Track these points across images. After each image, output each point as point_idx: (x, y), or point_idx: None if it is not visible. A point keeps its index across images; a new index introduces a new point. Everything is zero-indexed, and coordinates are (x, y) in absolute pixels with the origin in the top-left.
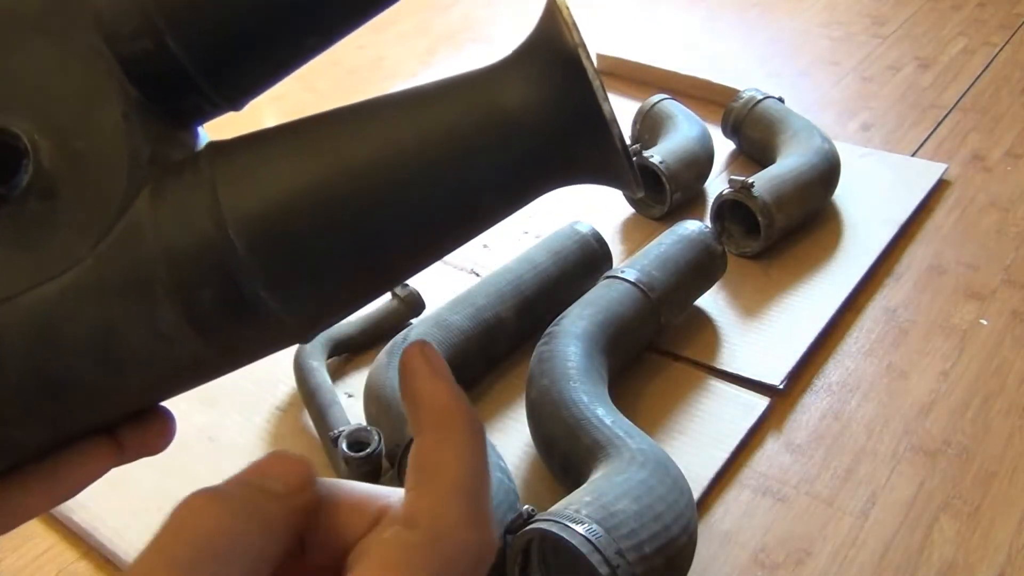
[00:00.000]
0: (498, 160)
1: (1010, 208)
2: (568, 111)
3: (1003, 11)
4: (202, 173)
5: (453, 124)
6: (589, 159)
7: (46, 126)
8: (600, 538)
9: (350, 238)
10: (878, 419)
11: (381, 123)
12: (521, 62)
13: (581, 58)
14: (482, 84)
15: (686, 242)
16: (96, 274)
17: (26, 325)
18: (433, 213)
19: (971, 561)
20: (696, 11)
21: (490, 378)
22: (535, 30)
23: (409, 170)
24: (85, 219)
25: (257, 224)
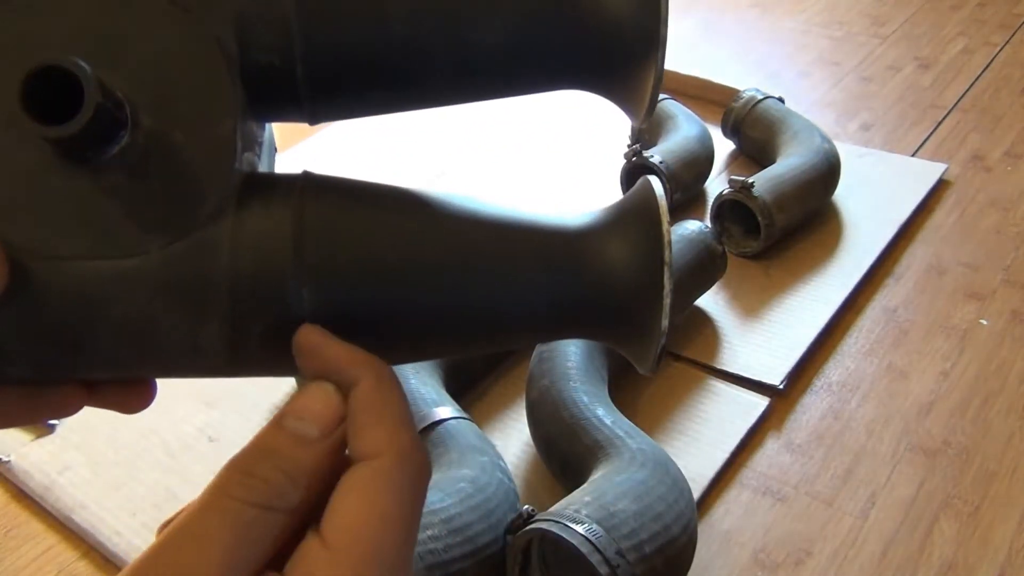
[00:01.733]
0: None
1: (1010, 208)
2: (631, 307)
3: (1003, 11)
4: (294, 204)
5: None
6: (628, 340)
7: (154, 105)
8: (600, 538)
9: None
10: (878, 419)
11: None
12: (612, 232)
13: (665, 264)
14: (574, 231)
15: (686, 242)
16: (158, 273)
17: (70, 291)
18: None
19: (971, 561)
20: (695, 11)
21: (490, 378)
22: (629, 209)
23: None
24: (165, 215)
25: (334, 281)
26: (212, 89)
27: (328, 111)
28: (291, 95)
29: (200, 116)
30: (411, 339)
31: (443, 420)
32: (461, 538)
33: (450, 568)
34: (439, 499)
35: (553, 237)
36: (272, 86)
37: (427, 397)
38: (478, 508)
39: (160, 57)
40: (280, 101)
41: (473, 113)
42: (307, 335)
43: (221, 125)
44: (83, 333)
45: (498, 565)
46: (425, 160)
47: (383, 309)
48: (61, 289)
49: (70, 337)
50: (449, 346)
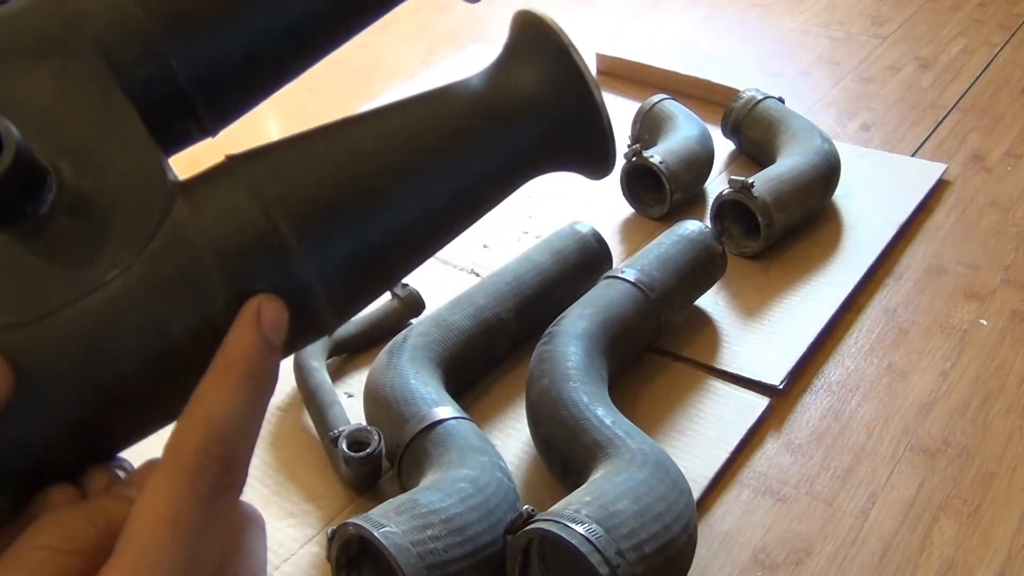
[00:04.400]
0: (502, 145)
1: (1010, 208)
2: (564, 98)
3: (1003, 11)
4: (234, 174)
5: (465, 113)
6: (577, 144)
7: (63, 146)
8: (600, 538)
9: (381, 216)
10: (878, 419)
11: (395, 117)
12: (514, 59)
13: (571, 52)
14: (487, 80)
15: (686, 242)
16: (145, 278)
17: (72, 338)
18: (452, 194)
19: (971, 561)
20: (696, 11)
21: (490, 378)
22: (517, 34)
23: (426, 150)
24: (125, 229)
25: (302, 208)
26: (111, 111)
27: (226, 107)
28: (184, 101)
29: (111, 133)
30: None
31: (443, 420)
32: (461, 538)
33: (450, 568)
34: (439, 499)
35: (470, 101)
36: (164, 97)
37: (427, 397)
38: (478, 508)
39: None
40: (177, 119)
41: None
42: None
43: (131, 132)
44: (104, 374)
45: (498, 565)
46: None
47: (365, 223)
48: (62, 343)
49: (94, 386)
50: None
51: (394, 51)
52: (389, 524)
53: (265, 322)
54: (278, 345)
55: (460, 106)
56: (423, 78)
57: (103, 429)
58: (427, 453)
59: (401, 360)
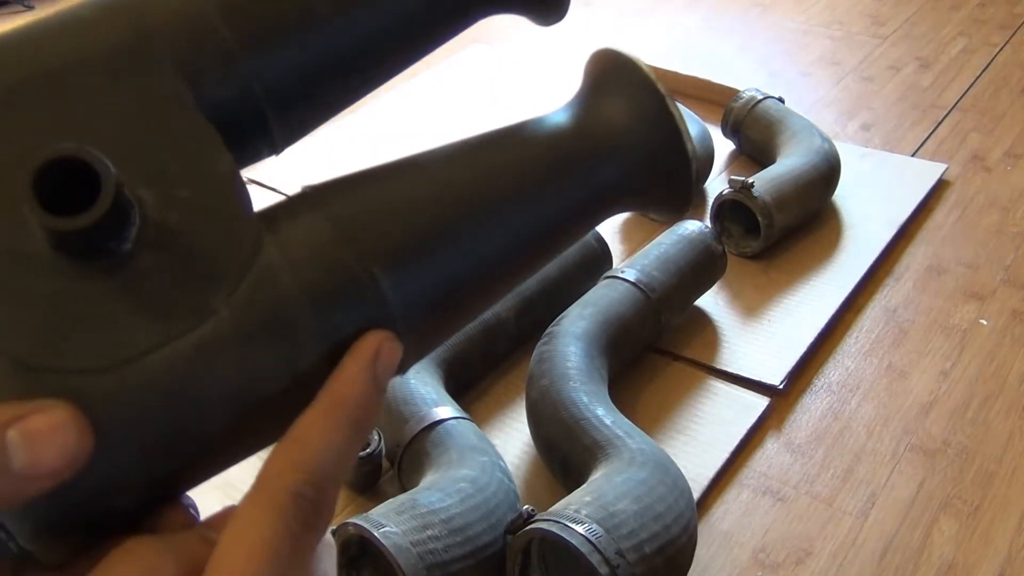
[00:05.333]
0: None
1: (1010, 208)
2: (652, 136)
3: (1003, 11)
4: (318, 210)
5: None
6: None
7: (143, 176)
8: (600, 538)
9: (467, 256)
10: (878, 419)
11: (480, 153)
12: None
13: (660, 88)
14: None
15: (686, 242)
16: (235, 325)
17: (155, 388)
18: (534, 233)
19: (971, 561)
20: (696, 11)
21: (490, 378)
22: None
23: (512, 189)
24: (212, 269)
25: (392, 250)
26: (196, 137)
27: (296, 126)
28: (258, 126)
29: (194, 164)
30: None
31: (443, 420)
32: (461, 538)
33: (450, 568)
34: (439, 499)
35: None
36: (238, 123)
37: (427, 397)
38: (478, 508)
39: (124, 128)
40: (248, 138)
41: (473, 114)
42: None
43: (217, 164)
44: (187, 423)
45: (498, 565)
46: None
47: (453, 262)
48: (146, 391)
49: (175, 435)
50: (518, 273)
51: None
52: (389, 524)
53: (381, 364)
54: (385, 388)
55: (545, 143)
56: (423, 78)
57: (180, 475)
58: (427, 453)
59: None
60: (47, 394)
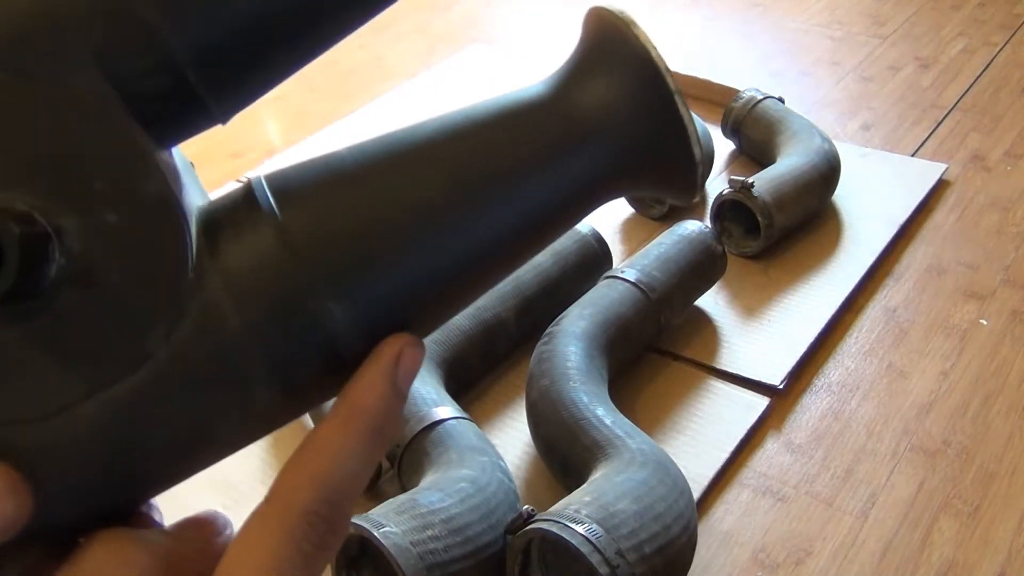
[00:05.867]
0: (574, 168)
1: (1010, 208)
2: (646, 113)
3: (1003, 11)
4: (268, 224)
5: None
6: (661, 163)
7: (64, 199)
8: (600, 538)
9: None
10: (878, 419)
11: (450, 142)
12: (588, 68)
13: (657, 62)
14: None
15: (686, 242)
16: (175, 369)
17: (91, 436)
18: (515, 231)
19: (971, 561)
20: (696, 11)
21: (490, 378)
22: (593, 38)
23: (491, 190)
24: (147, 307)
25: (349, 278)
26: (117, 149)
27: (236, 96)
28: (190, 99)
29: (120, 183)
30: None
31: (443, 420)
32: (461, 538)
33: (450, 568)
34: (439, 499)
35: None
36: (168, 106)
37: (427, 397)
38: (478, 508)
39: (35, 141)
40: (182, 111)
41: None
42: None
43: (148, 184)
44: (123, 468)
45: (498, 565)
46: None
47: (415, 271)
48: (87, 436)
49: (110, 478)
50: (497, 273)
51: (394, 51)
52: (389, 524)
53: (402, 370)
54: (406, 395)
55: (523, 126)
56: (423, 78)
57: (135, 497)
58: (427, 453)
59: None
60: None
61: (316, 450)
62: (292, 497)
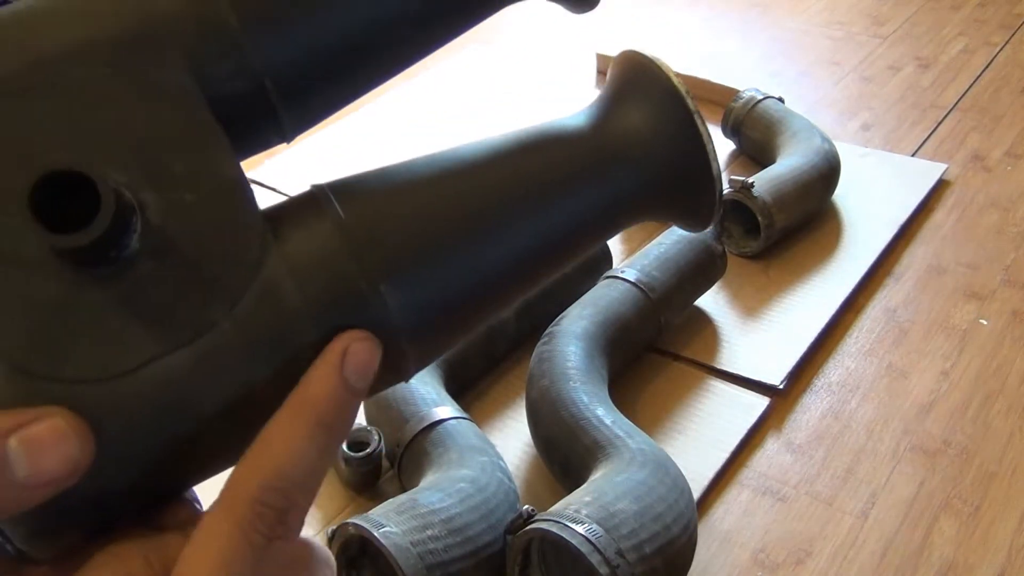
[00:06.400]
0: (606, 191)
1: (1010, 208)
2: (676, 147)
3: (1003, 11)
4: (327, 218)
5: (569, 159)
6: (683, 195)
7: (148, 178)
8: (600, 538)
9: (476, 267)
10: (878, 419)
11: (495, 159)
12: (623, 102)
13: (687, 99)
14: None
15: (686, 242)
16: (236, 339)
17: (154, 399)
18: (547, 244)
19: (971, 561)
20: (696, 11)
21: (490, 378)
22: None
23: (524, 199)
24: (214, 280)
25: (401, 262)
26: (201, 137)
27: (306, 117)
28: (267, 115)
29: (199, 167)
30: (497, 291)
31: (443, 420)
32: (461, 538)
33: (450, 568)
34: (439, 499)
35: (575, 143)
36: (246, 113)
37: (427, 397)
38: (478, 508)
39: (128, 125)
40: (257, 126)
41: (473, 114)
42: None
43: (224, 168)
44: (182, 435)
45: (498, 565)
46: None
47: (464, 273)
48: (142, 402)
49: (170, 445)
50: (528, 281)
51: None
52: (389, 524)
53: (350, 365)
54: (361, 390)
55: (561, 150)
56: (423, 78)
57: (179, 478)
58: (427, 453)
59: None
60: (46, 402)
61: (264, 442)
62: (239, 489)
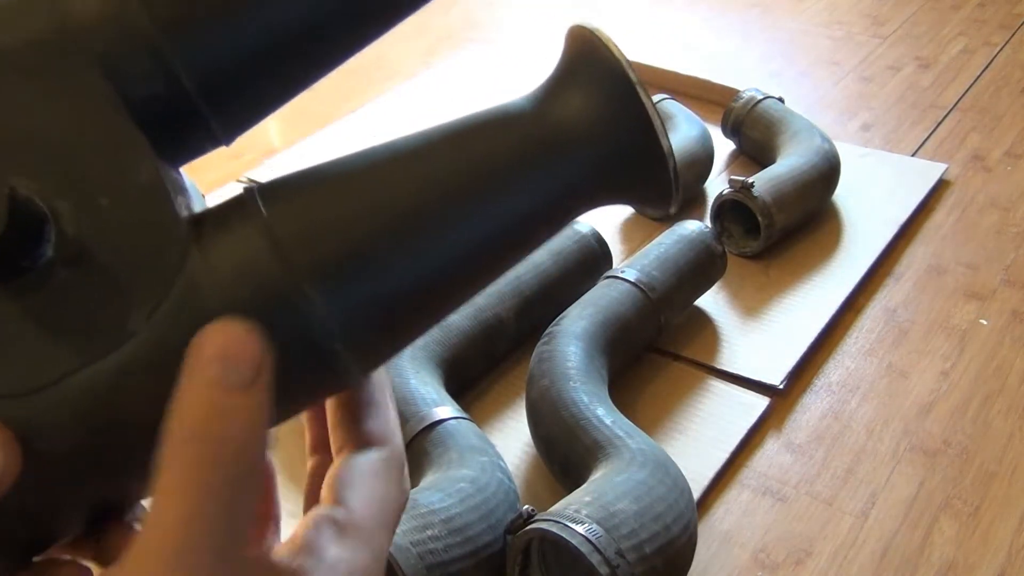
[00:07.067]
0: (551, 178)
1: (1010, 208)
2: (621, 127)
3: (1003, 11)
4: (254, 220)
5: (507, 151)
6: (636, 176)
7: (61, 185)
8: (600, 538)
9: (414, 266)
10: (878, 419)
11: (431, 152)
12: (567, 83)
13: (630, 74)
14: (533, 106)
15: (686, 242)
16: (157, 347)
17: (75, 411)
18: (492, 238)
19: (971, 561)
20: (696, 11)
21: (490, 378)
22: (572, 54)
23: (462, 191)
24: (133, 286)
25: (329, 264)
26: (117, 140)
27: (239, 118)
28: (192, 117)
29: (115, 171)
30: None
31: (443, 420)
32: (461, 538)
33: (450, 568)
34: (439, 499)
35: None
36: (170, 116)
37: (427, 397)
38: (478, 508)
39: (39, 131)
40: (185, 130)
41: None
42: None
43: (140, 173)
44: (107, 447)
45: (498, 565)
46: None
47: (399, 272)
48: (63, 417)
49: (95, 459)
50: (477, 278)
51: (394, 51)
52: None
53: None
54: (246, 382)
55: (503, 137)
56: (423, 78)
57: (112, 494)
58: (427, 453)
59: (401, 360)
60: None
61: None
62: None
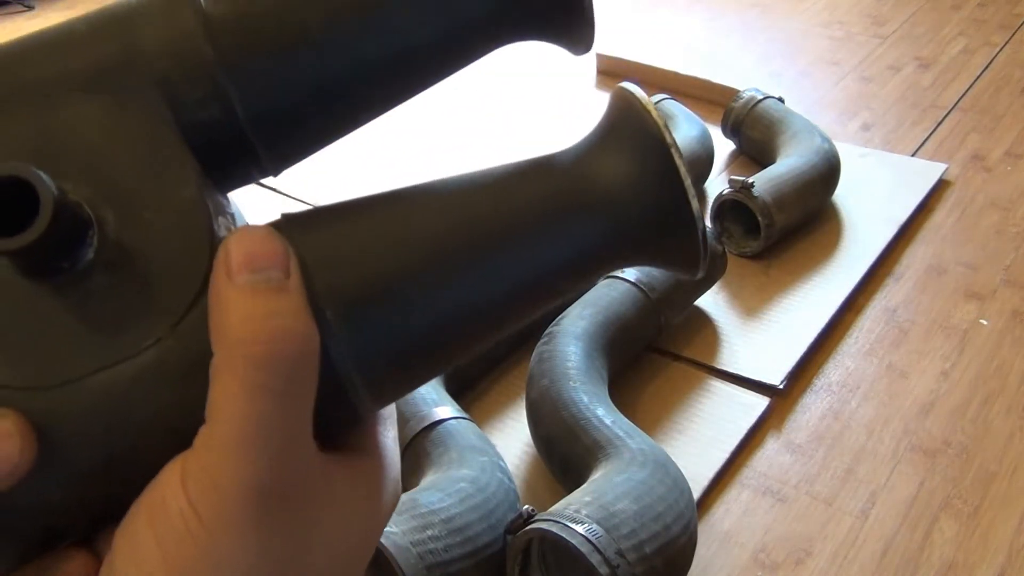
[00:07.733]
0: (583, 234)
1: (1010, 208)
2: (653, 192)
3: (1003, 11)
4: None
5: (540, 202)
6: (665, 246)
7: (109, 194)
8: (600, 538)
9: (436, 308)
10: (878, 419)
11: (464, 195)
12: (607, 143)
13: (671, 148)
14: (571, 162)
15: None
16: (178, 355)
17: (95, 408)
18: (517, 286)
19: (971, 561)
20: (696, 11)
21: (490, 378)
22: (614, 115)
23: (489, 238)
24: (162, 296)
25: (351, 295)
26: (165, 159)
27: (288, 152)
28: (244, 147)
29: (161, 187)
30: (463, 329)
31: (443, 420)
32: (461, 538)
33: (450, 568)
34: (439, 499)
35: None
36: (221, 143)
37: (427, 397)
38: (478, 508)
39: (96, 144)
40: (235, 158)
41: (473, 115)
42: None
43: (184, 188)
44: (121, 448)
45: (498, 565)
46: (420, 174)
47: (424, 310)
48: (83, 413)
49: (108, 458)
50: (494, 327)
51: None
52: (389, 524)
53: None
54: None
55: (537, 190)
56: None
57: (116, 495)
58: (427, 453)
59: None
60: None
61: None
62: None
